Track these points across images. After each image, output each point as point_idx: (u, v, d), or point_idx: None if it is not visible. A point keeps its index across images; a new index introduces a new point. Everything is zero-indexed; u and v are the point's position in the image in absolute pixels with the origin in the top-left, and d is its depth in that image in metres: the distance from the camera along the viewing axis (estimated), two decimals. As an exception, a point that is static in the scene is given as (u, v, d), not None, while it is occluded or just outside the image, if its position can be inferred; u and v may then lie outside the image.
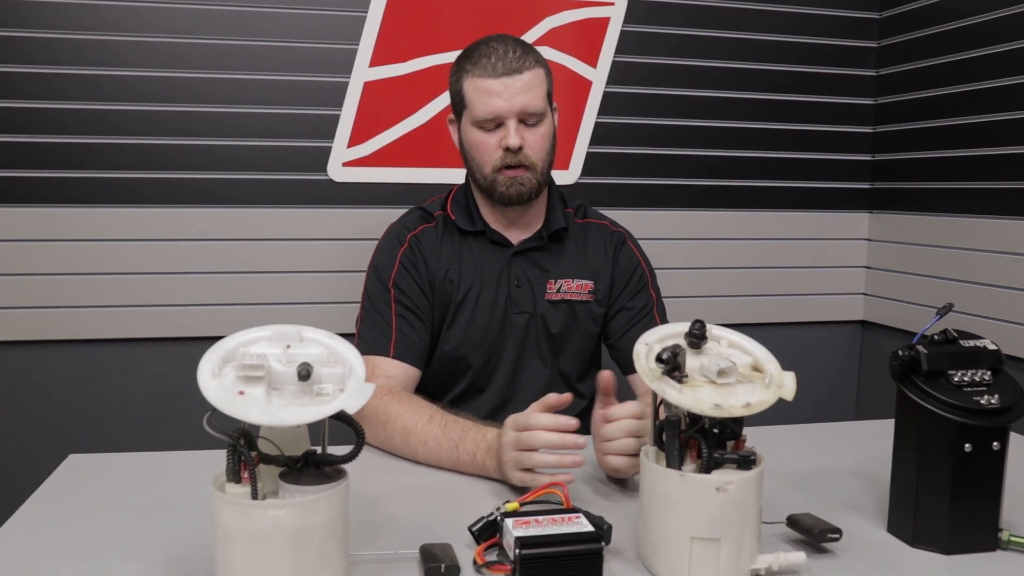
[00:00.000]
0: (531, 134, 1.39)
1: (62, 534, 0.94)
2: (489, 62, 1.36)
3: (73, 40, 1.85)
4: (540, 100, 1.38)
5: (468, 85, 1.38)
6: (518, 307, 1.46)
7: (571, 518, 0.86)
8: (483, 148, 1.40)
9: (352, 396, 0.76)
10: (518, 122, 1.37)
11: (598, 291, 1.49)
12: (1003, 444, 0.90)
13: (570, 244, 1.51)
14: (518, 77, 1.36)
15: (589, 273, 1.49)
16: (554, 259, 1.49)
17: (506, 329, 1.46)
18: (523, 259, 1.48)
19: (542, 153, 1.41)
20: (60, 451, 1.22)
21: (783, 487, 1.09)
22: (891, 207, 2.31)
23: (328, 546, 0.76)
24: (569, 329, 1.48)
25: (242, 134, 1.95)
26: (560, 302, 1.47)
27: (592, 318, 1.50)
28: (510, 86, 1.35)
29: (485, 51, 1.38)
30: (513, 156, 1.38)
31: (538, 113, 1.38)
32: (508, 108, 1.36)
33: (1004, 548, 0.91)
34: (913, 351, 0.92)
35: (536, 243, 1.48)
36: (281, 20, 1.95)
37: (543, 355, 1.48)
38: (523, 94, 1.36)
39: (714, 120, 2.23)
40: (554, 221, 1.49)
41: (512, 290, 1.46)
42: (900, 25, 2.24)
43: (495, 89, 1.36)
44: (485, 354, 1.46)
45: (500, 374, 1.47)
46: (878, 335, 2.36)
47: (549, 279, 1.47)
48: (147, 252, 1.93)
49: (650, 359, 0.84)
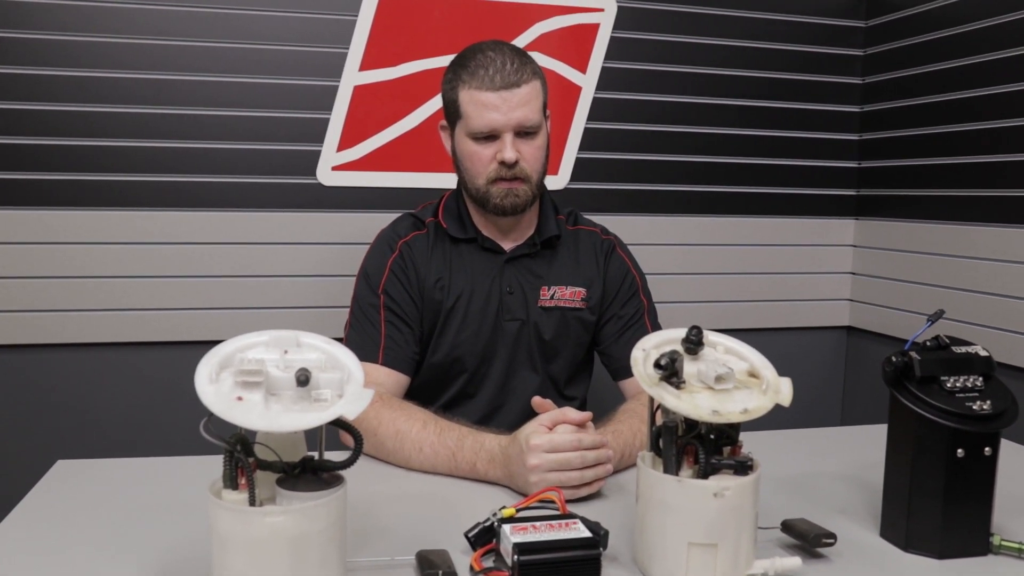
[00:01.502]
0: (527, 147, 1.37)
1: (51, 542, 0.93)
2: (487, 74, 1.33)
3: (60, 42, 1.83)
4: (536, 113, 1.36)
5: (464, 96, 1.35)
6: (510, 314, 1.46)
7: (568, 524, 0.86)
8: (477, 160, 1.37)
9: (351, 402, 0.75)
10: (514, 136, 1.35)
11: (590, 299, 1.49)
12: (995, 449, 0.91)
13: (563, 251, 1.50)
14: (516, 91, 1.33)
15: (581, 280, 1.49)
16: (547, 265, 1.48)
17: (498, 336, 1.46)
18: (515, 266, 1.47)
19: (537, 165, 1.39)
20: (49, 457, 1.21)
21: (776, 492, 1.10)
22: (877, 213, 2.33)
23: (326, 553, 0.76)
24: (561, 336, 1.48)
25: (231, 137, 1.94)
26: (553, 309, 1.47)
27: (583, 325, 1.50)
28: (508, 100, 1.33)
29: (482, 61, 1.34)
30: (508, 170, 1.36)
31: (534, 126, 1.36)
32: (505, 122, 1.33)
33: (996, 552, 0.92)
34: (906, 357, 0.93)
35: (529, 250, 1.47)
36: (271, 23, 1.94)
37: (534, 362, 1.48)
38: (521, 108, 1.33)
39: (702, 126, 2.25)
40: (547, 228, 1.48)
41: (504, 297, 1.46)
42: (886, 33, 2.27)
43: (492, 103, 1.33)
44: (476, 360, 1.46)
45: (491, 380, 1.47)
46: (864, 341, 2.38)
47: (543, 285, 1.47)
48: (135, 256, 1.91)
49: (648, 365, 0.84)
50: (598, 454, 1.05)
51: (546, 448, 1.04)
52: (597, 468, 1.05)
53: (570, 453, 1.04)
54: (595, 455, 1.05)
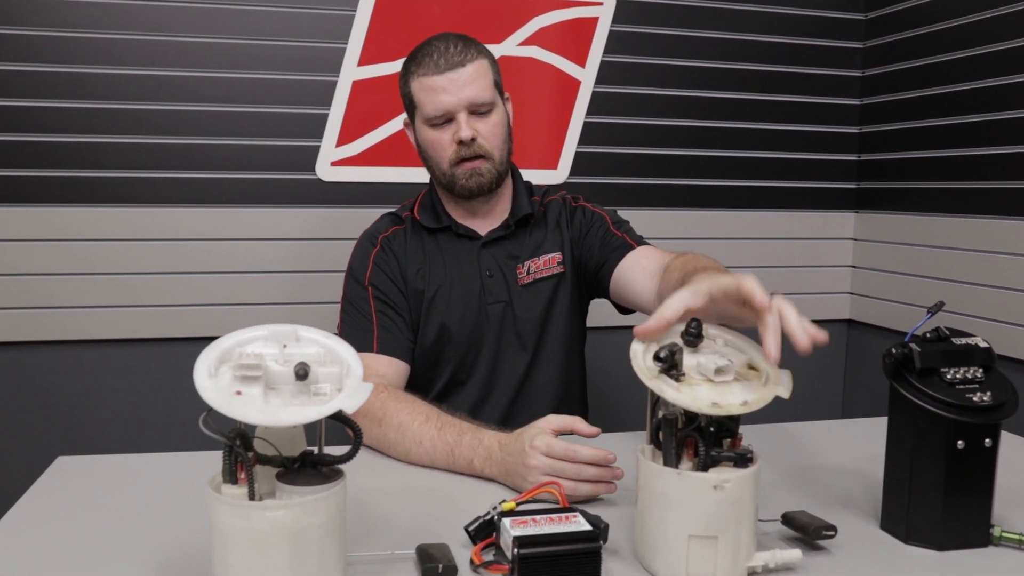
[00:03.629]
0: (483, 124, 1.40)
1: (51, 539, 0.93)
2: (432, 60, 1.38)
3: (60, 38, 1.83)
4: (487, 90, 1.40)
5: (415, 85, 1.40)
6: (493, 297, 1.47)
7: (568, 517, 0.86)
8: (437, 145, 1.41)
9: (350, 396, 0.75)
10: (468, 114, 1.38)
11: (566, 260, 1.50)
12: (995, 441, 0.91)
13: (535, 227, 1.52)
14: (461, 71, 1.37)
15: (556, 246, 1.50)
16: (520, 244, 1.49)
17: (482, 320, 1.47)
18: (492, 248, 1.49)
19: (497, 142, 1.42)
20: (50, 453, 1.21)
21: (776, 485, 1.10)
22: (877, 207, 2.33)
23: (326, 547, 0.76)
24: (546, 311, 1.48)
25: (230, 133, 1.94)
26: (531, 284, 1.48)
27: (567, 292, 1.50)
28: (454, 80, 1.37)
29: (427, 50, 1.40)
30: (467, 148, 1.39)
31: (487, 103, 1.40)
32: (456, 102, 1.37)
33: (996, 544, 0.92)
34: (906, 349, 0.93)
35: (504, 232, 1.49)
36: (269, 19, 1.94)
37: (522, 343, 1.48)
38: (469, 86, 1.37)
39: (701, 120, 2.24)
40: (520, 208, 1.50)
41: (485, 280, 1.47)
42: (886, 26, 2.26)
43: (440, 85, 1.37)
44: (463, 348, 1.46)
45: (480, 366, 1.48)
46: (864, 334, 2.38)
47: (517, 264, 1.48)
48: (135, 252, 1.92)
49: (647, 358, 0.84)
50: (597, 472, 1.03)
51: (544, 451, 1.03)
52: (597, 485, 1.03)
53: (566, 463, 1.02)
54: (592, 472, 1.02)
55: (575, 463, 1.02)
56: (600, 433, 1.06)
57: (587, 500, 1.03)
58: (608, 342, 1.76)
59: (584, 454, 1.02)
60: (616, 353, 1.44)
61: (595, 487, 1.03)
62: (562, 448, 1.02)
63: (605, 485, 1.03)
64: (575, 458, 1.02)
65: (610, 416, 1.57)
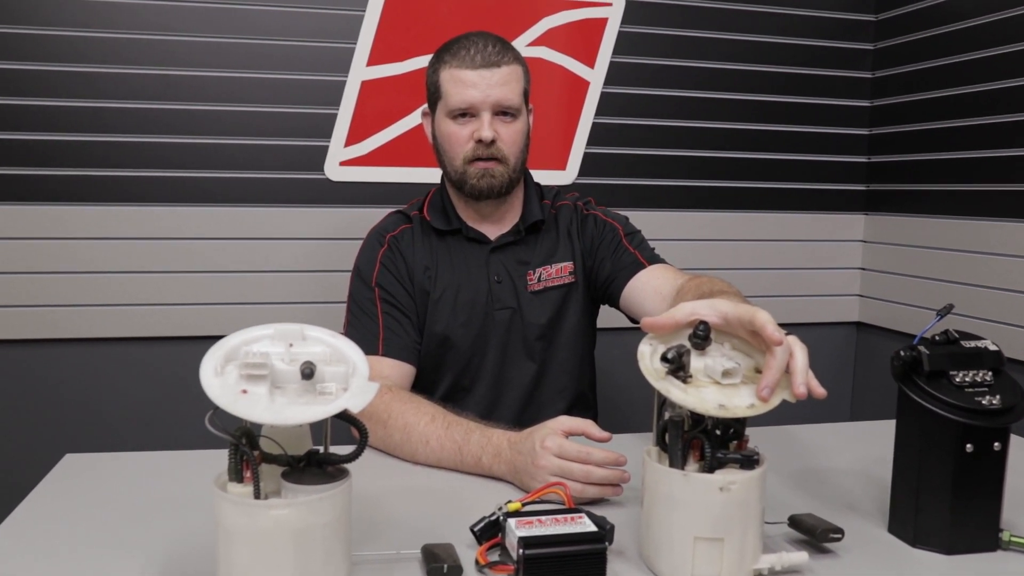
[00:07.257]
0: (505, 128, 1.39)
1: (59, 535, 0.93)
2: (468, 54, 1.37)
3: (68, 37, 1.84)
4: (516, 96, 1.39)
5: (444, 75, 1.39)
6: (500, 303, 1.45)
7: (574, 518, 0.85)
8: (455, 139, 1.40)
9: (356, 395, 0.75)
10: (492, 115, 1.37)
11: (578, 270, 1.48)
12: (1004, 444, 0.90)
13: (547, 233, 1.50)
14: (496, 71, 1.36)
15: (568, 255, 1.49)
16: (531, 250, 1.48)
17: (488, 326, 1.45)
18: (501, 254, 1.47)
19: (515, 148, 1.41)
20: (57, 451, 1.21)
21: (784, 487, 1.09)
22: (887, 209, 2.31)
23: (331, 546, 0.76)
24: (555, 319, 1.47)
25: (239, 133, 1.95)
26: (542, 291, 1.47)
27: (578, 301, 1.49)
28: (487, 78, 1.36)
29: (465, 43, 1.38)
30: (485, 149, 1.38)
31: (513, 108, 1.38)
32: (483, 100, 1.36)
33: (1005, 548, 0.91)
34: (915, 351, 0.92)
35: (514, 237, 1.47)
36: (279, 18, 1.94)
37: (530, 350, 1.47)
38: (499, 88, 1.36)
39: (711, 121, 2.24)
40: (531, 213, 1.48)
41: (492, 286, 1.45)
42: (896, 27, 2.25)
43: (471, 80, 1.36)
44: (468, 353, 1.45)
45: (486, 372, 1.46)
46: (873, 336, 2.37)
47: (528, 271, 1.47)
48: (143, 251, 1.92)
49: (655, 359, 0.84)
50: (604, 474, 1.02)
51: (555, 452, 1.03)
52: (603, 488, 1.02)
53: (575, 465, 1.02)
54: (600, 474, 1.02)
55: (584, 465, 1.02)
56: (612, 438, 1.06)
57: (593, 502, 1.03)
58: (615, 343, 1.76)
59: (597, 456, 1.02)
60: (623, 354, 1.44)
61: (602, 490, 1.02)
62: (575, 450, 1.02)
63: (612, 488, 1.02)
64: (588, 460, 1.02)
65: (616, 417, 1.57)
